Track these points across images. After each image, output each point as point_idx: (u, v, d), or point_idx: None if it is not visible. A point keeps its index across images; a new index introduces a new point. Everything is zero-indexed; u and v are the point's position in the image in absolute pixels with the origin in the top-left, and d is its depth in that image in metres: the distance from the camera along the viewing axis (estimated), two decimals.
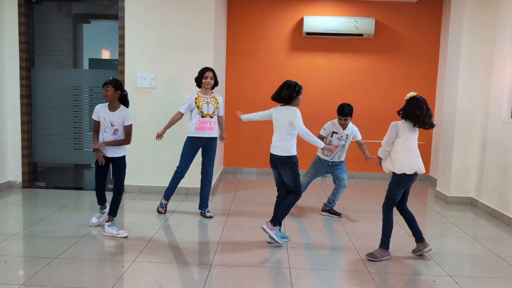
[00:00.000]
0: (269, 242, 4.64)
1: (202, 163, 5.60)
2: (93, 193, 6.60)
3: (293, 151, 4.57)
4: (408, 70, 8.02)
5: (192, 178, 6.35)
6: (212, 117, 5.42)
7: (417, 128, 4.32)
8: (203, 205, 5.61)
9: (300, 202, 5.86)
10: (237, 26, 8.05)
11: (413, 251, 4.47)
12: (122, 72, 6.36)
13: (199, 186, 6.05)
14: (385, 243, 4.35)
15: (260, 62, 8.14)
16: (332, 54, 8.03)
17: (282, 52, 8.10)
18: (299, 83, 4.57)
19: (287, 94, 4.53)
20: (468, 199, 6.51)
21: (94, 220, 5.07)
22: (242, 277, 3.84)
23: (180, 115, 5.42)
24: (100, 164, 4.68)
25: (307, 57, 8.06)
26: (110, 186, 5.29)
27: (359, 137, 5.68)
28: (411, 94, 4.26)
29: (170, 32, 6.30)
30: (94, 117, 4.74)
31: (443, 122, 6.91)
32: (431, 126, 4.26)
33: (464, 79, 6.33)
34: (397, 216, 4.54)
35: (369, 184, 7.80)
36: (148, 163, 6.48)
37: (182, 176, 5.60)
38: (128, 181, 6.52)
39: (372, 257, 4.29)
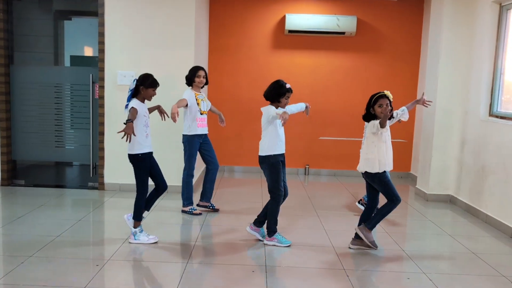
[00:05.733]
0: (263, 243, 4.61)
1: (206, 157, 5.65)
2: (74, 191, 6.61)
3: (269, 151, 4.48)
4: (389, 68, 8.06)
5: (173, 176, 6.34)
6: (206, 114, 5.57)
7: (366, 124, 4.49)
8: (209, 196, 5.70)
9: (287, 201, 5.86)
10: (219, 24, 8.04)
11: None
12: (102, 69, 6.32)
13: (180, 184, 6.06)
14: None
15: (242, 59, 8.13)
16: (314, 52, 8.05)
17: (265, 49, 8.10)
18: (286, 86, 4.44)
19: (270, 93, 4.49)
20: (447, 197, 6.57)
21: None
22: (217, 275, 3.85)
23: (185, 104, 5.34)
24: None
25: (289, 55, 8.06)
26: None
27: None
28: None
29: (150, 29, 6.27)
30: (135, 105, 4.39)
31: (423, 120, 6.96)
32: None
33: (443, 78, 6.37)
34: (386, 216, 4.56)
35: (351, 181, 7.83)
36: (128, 161, 6.42)
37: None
38: (108, 179, 6.50)
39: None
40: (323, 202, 6.40)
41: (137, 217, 4.49)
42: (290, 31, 7.81)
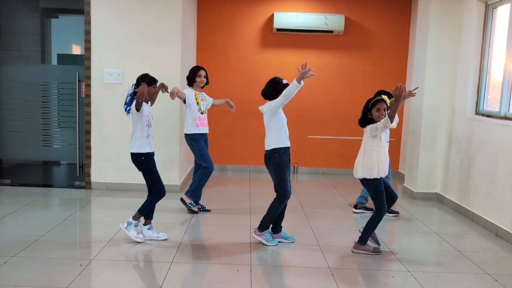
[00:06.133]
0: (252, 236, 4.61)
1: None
2: (60, 190, 6.57)
3: (276, 144, 4.42)
4: (378, 66, 8.07)
5: (160, 174, 6.31)
6: (206, 113, 5.60)
7: (365, 128, 4.39)
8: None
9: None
10: (208, 22, 8.01)
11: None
12: (88, 68, 6.28)
13: (167, 182, 6.02)
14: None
15: (230, 58, 8.11)
16: (302, 50, 8.04)
17: (253, 48, 8.08)
18: (282, 82, 4.44)
19: (272, 92, 4.45)
20: (434, 195, 6.59)
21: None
22: (202, 274, 3.84)
23: (184, 98, 5.37)
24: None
25: (278, 53, 8.05)
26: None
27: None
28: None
29: (137, 27, 6.23)
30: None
31: (410, 119, 6.97)
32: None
33: (431, 76, 6.39)
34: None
35: (340, 180, 7.84)
36: (115, 160, 6.41)
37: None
38: (95, 178, 6.46)
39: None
40: (311, 200, 6.40)
41: (141, 212, 4.48)
42: (278, 30, 7.80)
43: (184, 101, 5.41)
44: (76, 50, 8.54)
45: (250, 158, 8.26)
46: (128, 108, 4.34)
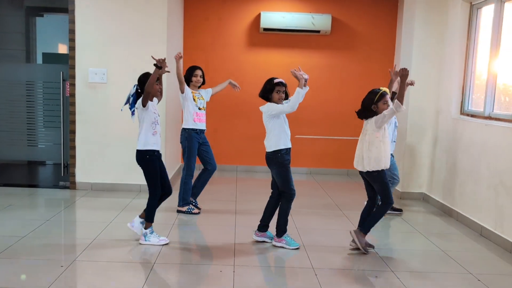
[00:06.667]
0: (272, 244, 4.55)
1: (204, 158, 5.61)
2: (45, 190, 6.51)
3: (277, 146, 4.39)
4: (364, 66, 8.07)
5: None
6: (205, 110, 5.58)
7: (366, 121, 4.37)
8: (197, 194, 5.66)
9: (261, 200, 5.84)
10: (194, 22, 7.97)
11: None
12: (72, 67, 6.21)
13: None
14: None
15: (217, 57, 8.08)
16: (289, 50, 8.03)
17: (240, 47, 8.05)
18: (273, 81, 4.39)
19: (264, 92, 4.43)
20: (420, 195, 6.61)
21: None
22: (185, 275, 3.82)
23: (182, 88, 5.36)
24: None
25: (264, 53, 8.03)
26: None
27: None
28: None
29: (122, 26, 6.18)
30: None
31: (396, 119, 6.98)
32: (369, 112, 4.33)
33: (416, 76, 6.35)
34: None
35: (326, 180, 7.85)
36: (100, 160, 6.36)
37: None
38: (80, 178, 6.40)
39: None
40: (297, 200, 6.33)
41: (149, 219, 4.42)
42: (265, 29, 7.77)
43: (181, 90, 5.36)
44: (62, 49, 8.47)
45: (237, 157, 8.24)
46: (132, 109, 4.31)
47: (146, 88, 4.15)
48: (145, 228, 4.41)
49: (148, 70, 6.01)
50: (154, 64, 4.22)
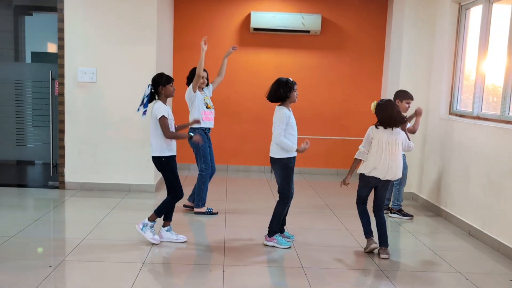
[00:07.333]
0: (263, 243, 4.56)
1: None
2: (33, 190, 6.47)
3: (282, 154, 4.41)
4: (354, 66, 8.10)
5: (136, 174, 6.28)
6: (212, 108, 5.57)
7: (391, 130, 4.35)
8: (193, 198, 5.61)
9: (251, 200, 5.82)
10: (184, 21, 7.95)
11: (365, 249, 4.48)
12: (62, 66, 6.18)
13: (142, 182, 6.00)
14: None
15: (207, 57, 7.96)
16: (279, 50, 8.04)
17: (230, 47, 8.02)
18: (290, 79, 4.47)
19: (282, 93, 4.46)
20: (410, 194, 6.64)
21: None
22: (174, 275, 3.81)
23: (198, 77, 5.35)
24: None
25: (254, 53, 8.03)
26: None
27: None
28: (374, 104, 4.36)
29: (111, 25, 6.15)
30: (166, 114, 4.30)
31: None
32: (402, 121, 4.42)
33: (405, 76, 6.43)
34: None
35: (315, 179, 7.86)
36: (89, 159, 6.32)
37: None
38: (69, 177, 6.37)
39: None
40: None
41: (158, 213, 4.42)
42: (255, 29, 7.78)
43: (194, 88, 5.33)
44: (51, 48, 8.42)
45: (228, 157, 8.23)
46: (144, 110, 4.31)
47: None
48: (149, 220, 4.39)
49: (138, 71, 6.06)
50: (164, 82, 4.33)
